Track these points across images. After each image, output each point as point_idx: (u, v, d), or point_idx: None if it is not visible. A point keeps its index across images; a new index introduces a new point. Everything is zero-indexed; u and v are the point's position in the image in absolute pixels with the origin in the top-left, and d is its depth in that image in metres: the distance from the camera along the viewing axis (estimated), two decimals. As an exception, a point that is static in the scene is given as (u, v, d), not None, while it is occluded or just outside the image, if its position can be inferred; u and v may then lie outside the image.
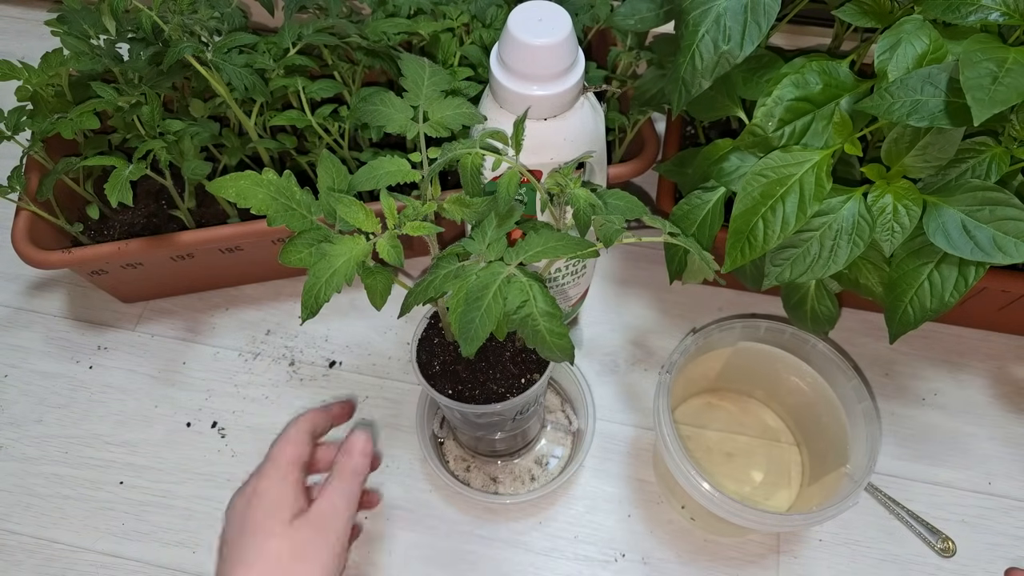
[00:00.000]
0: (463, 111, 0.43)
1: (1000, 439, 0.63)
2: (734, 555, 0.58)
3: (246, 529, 0.43)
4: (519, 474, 0.61)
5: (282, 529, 0.43)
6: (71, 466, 0.62)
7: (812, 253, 0.47)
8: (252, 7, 0.70)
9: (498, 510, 0.60)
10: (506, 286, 0.38)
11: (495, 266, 0.39)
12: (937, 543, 0.58)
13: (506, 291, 0.38)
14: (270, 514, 0.43)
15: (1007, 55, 0.40)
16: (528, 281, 0.39)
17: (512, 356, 0.50)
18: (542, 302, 0.38)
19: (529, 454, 0.62)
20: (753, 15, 0.43)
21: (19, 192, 0.59)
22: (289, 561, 0.42)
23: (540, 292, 0.38)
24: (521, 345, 0.50)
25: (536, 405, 0.55)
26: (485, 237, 0.41)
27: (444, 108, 0.43)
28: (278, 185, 0.41)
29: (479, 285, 0.39)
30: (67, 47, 0.57)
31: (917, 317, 0.49)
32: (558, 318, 0.39)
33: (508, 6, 0.60)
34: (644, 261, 0.72)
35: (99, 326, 0.69)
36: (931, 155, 0.46)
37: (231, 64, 0.56)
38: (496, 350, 0.50)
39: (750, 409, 0.64)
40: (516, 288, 0.38)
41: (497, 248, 0.40)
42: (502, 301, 0.38)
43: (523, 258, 0.39)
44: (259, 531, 0.43)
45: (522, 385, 0.48)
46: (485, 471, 0.61)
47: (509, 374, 0.49)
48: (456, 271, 0.40)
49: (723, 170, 0.51)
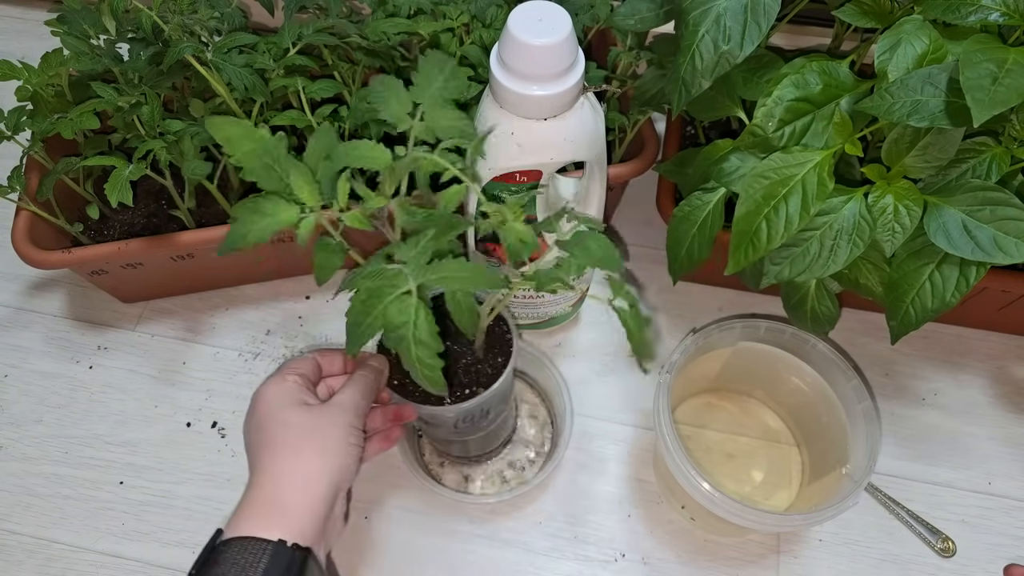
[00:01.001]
0: (457, 125, 0.42)
1: (1000, 439, 0.63)
2: (734, 555, 0.58)
3: (261, 424, 0.46)
4: (490, 475, 0.61)
5: (293, 413, 0.46)
6: (71, 466, 0.62)
7: (812, 253, 0.47)
8: (252, 7, 0.70)
9: (497, 509, 0.60)
10: (396, 303, 0.38)
11: (400, 279, 0.38)
12: (937, 543, 0.58)
13: (395, 307, 0.38)
14: (280, 406, 0.47)
15: (1007, 55, 0.40)
16: (418, 305, 0.38)
17: (466, 366, 0.49)
18: (423, 330, 0.37)
19: (502, 457, 0.62)
20: (753, 15, 0.43)
21: (19, 192, 0.59)
22: (303, 436, 0.45)
23: (425, 320, 0.37)
24: (479, 357, 0.50)
25: (497, 417, 0.54)
26: (415, 247, 0.40)
27: (443, 117, 0.42)
28: (268, 143, 0.40)
29: (375, 294, 0.38)
30: (67, 47, 0.57)
31: (919, 317, 0.49)
32: (433, 350, 0.37)
33: (508, 6, 0.60)
34: (644, 261, 0.72)
35: (99, 326, 0.69)
36: (931, 155, 0.46)
37: (231, 64, 0.56)
38: (455, 356, 0.50)
39: (750, 409, 0.64)
40: (402, 308, 0.38)
41: (419, 261, 0.39)
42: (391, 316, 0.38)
43: (424, 280, 0.38)
44: (272, 420, 0.46)
45: (465, 396, 0.48)
46: (459, 469, 0.61)
47: (458, 382, 0.49)
48: (372, 272, 0.39)
49: (723, 170, 0.51)
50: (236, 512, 0.44)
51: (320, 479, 0.44)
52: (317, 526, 0.44)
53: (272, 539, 0.42)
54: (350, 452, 0.46)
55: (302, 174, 0.39)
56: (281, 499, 0.44)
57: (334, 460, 0.45)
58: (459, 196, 0.40)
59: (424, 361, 0.38)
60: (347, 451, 0.46)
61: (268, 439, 0.46)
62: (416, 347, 0.38)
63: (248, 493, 0.45)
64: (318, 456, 0.45)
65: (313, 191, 0.39)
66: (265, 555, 0.41)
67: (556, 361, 0.67)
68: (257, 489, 0.44)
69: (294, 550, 0.42)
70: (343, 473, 0.45)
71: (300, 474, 0.44)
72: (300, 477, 0.44)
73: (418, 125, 0.42)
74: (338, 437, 0.46)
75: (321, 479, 0.44)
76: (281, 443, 0.45)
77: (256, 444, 0.46)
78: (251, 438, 0.47)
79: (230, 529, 0.43)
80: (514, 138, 0.46)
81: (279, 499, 0.44)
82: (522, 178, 0.49)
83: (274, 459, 0.45)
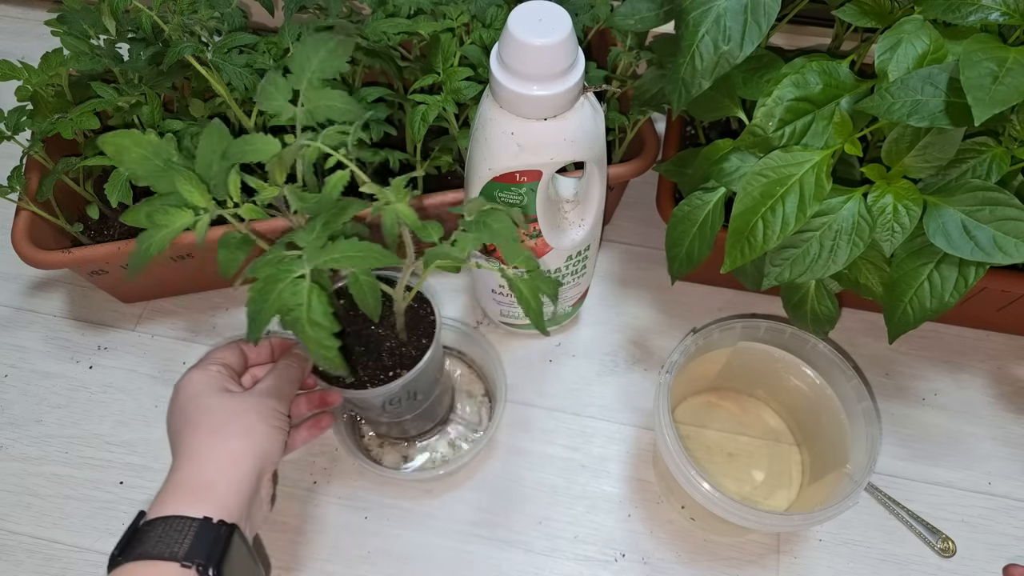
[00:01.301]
0: (332, 104, 0.41)
1: (1000, 439, 0.63)
2: (734, 555, 0.58)
3: (183, 409, 0.47)
4: (429, 453, 0.62)
5: (214, 399, 0.46)
6: (71, 466, 0.62)
7: (812, 253, 0.47)
8: (252, 7, 0.70)
9: (498, 509, 0.60)
10: (291, 286, 0.38)
11: (295, 264, 0.39)
12: (937, 543, 0.58)
13: (288, 291, 0.38)
14: (202, 392, 0.47)
15: (1007, 55, 0.40)
16: (310, 287, 0.38)
17: (391, 349, 0.50)
18: (316, 311, 0.38)
19: (440, 436, 0.62)
20: (753, 15, 0.43)
21: (19, 192, 0.59)
22: (225, 419, 0.46)
23: (318, 301, 0.38)
24: (403, 339, 0.50)
25: (428, 398, 0.55)
26: (312, 232, 0.40)
27: (319, 98, 0.42)
28: (156, 146, 0.40)
29: (272, 279, 0.38)
30: (67, 47, 0.57)
31: (917, 317, 0.49)
32: (327, 331, 0.38)
33: (508, 6, 0.60)
34: (644, 261, 0.72)
35: (99, 326, 0.69)
36: (931, 155, 0.46)
37: (231, 64, 0.56)
38: (376, 339, 0.50)
39: (750, 409, 0.64)
40: (296, 291, 0.38)
41: (315, 245, 0.40)
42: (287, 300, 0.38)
43: (318, 263, 0.39)
44: (194, 404, 0.47)
45: (389, 378, 0.48)
46: (398, 450, 0.62)
47: (381, 365, 0.49)
48: (270, 259, 0.40)
49: (723, 170, 0.51)
50: (159, 494, 0.44)
51: (243, 459, 0.45)
52: (242, 505, 0.44)
53: (197, 516, 0.42)
54: (273, 435, 0.46)
55: (187, 178, 0.39)
56: (205, 479, 0.44)
57: (257, 441, 0.46)
58: (343, 181, 0.40)
59: (319, 342, 0.38)
60: (270, 434, 0.46)
61: (191, 423, 0.46)
62: (310, 328, 0.38)
63: (171, 476, 0.45)
64: (240, 438, 0.45)
65: (202, 192, 0.40)
66: (191, 531, 0.41)
67: (556, 361, 0.67)
68: (180, 471, 0.44)
69: (219, 526, 0.42)
70: (267, 454, 0.46)
71: (223, 454, 0.45)
72: (224, 457, 0.44)
73: (300, 112, 0.41)
74: (260, 420, 0.46)
75: (244, 459, 0.45)
76: (205, 426, 0.45)
77: (178, 428, 0.46)
78: (173, 423, 0.47)
79: (153, 510, 0.43)
80: (514, 138, 0.46)
81: (203, 479, 0.44)
82: (522, 178, 0.49)
83: (197, 441, 0.45)
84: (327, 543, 0.58)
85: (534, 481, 0.61)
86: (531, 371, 0.66)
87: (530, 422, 0.64)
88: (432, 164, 0.64)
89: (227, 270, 0.42)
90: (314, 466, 0.61)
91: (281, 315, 0.38)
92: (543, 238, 0.54)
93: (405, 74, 0.62)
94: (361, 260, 0.39)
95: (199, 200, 0.40)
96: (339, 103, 0.42)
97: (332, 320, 0.38)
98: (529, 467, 0.62)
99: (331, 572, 0.57)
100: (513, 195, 0.50)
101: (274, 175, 0.41)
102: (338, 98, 0.42)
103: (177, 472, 0.45)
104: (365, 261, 0.39)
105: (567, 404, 0.65)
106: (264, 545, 0.58)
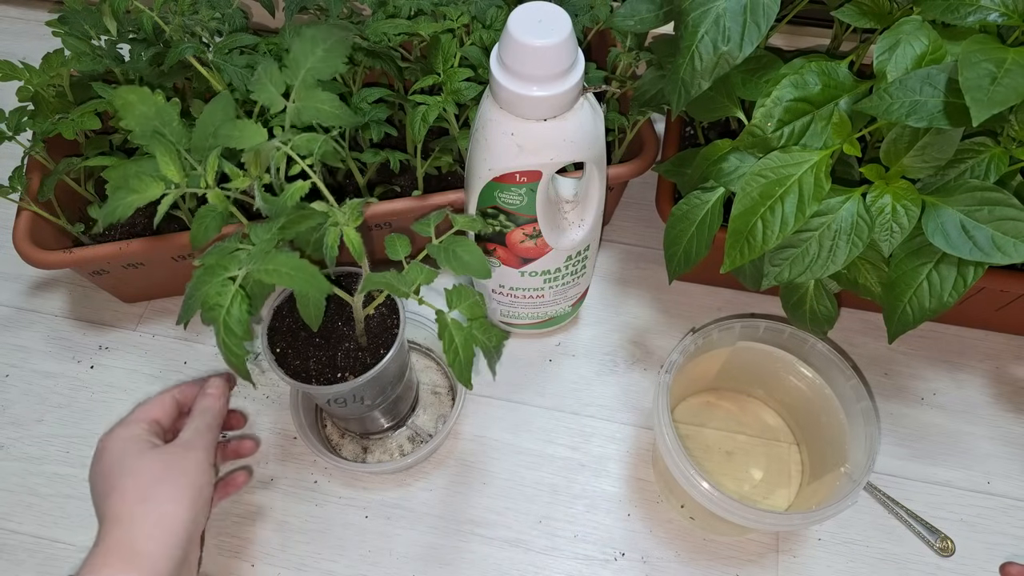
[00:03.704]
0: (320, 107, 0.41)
1: (999, 439, 0.63)
2: (733, 554, 0.58)
3: (108, 473, 0.46)
4: (388, 448, 0.62)
5: (140, 461, 0.46)
6: (72, 465, 0.62)
7: (811, 253, 0.48)
8: (253, 8, 0.70)
9: (497, 508, 0.60)
10: (219, 285, 0.38)
11: (233, 262, 0.39)
12: (936, 542, 0.58)
13: (215, 289, 0.38)
14: (127, 453, 0.47)
15: (1006, 56, 0.40)
16: (236, 292, 0.38)
17: (347, 350, 0.50)
18: (233, 318, 0.38)
19: (401, 432, 0.63)
20: (752, 16, 0.43)
21: (20, 192, 0.59)
22: (153, 484, 0.45)
23: (238, 308, 0.38)
24: (361, 343, 0.50)
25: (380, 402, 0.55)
26: (267, 232, 0.40)
27: (309, 98, 0.41)
28: (160, 108, 0.40)
29: (210, 271, 0.39)
30: (68, 48, 0.57)
31: (916, 317, 0.49)
32: (240, 339, 0.38)
33: (508, 7, 0.60)
34: (644, 261, 0.72)
35: (100, 326, 0.69)
36: (930, 155, 0.46)
37: (232, 65, 0.56)
38: (337, 336, 0.50)
39: (749, 408, 0.64)
40: (222, 291, 0.38)
41: (264, 247, 0.39)
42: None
43: (252, 269, 0.39)
44: (120, 468, 0.46)
45: (336, 379, 0.49)
46: (359, 443, 0.62)
47: (333, 365, 0.49)
48: (221, 248, 0.40)
49: (722, 170, 0.51)
50: (88, 561, 0.43)
51: (174, 526, 0.44)
52: (172, 572, 0.44)
53: None
54: (202, 494, 0.47)
55: (167, 150, 0.39)
56: (136, 548, 0.43)
57: (187, 506, 0.45)
58: (302, 191, 0.40)
59: (229, 348, 0.39)
60: (199, 493, 0.46)
61: (117, 488, 0.45)
62: (224, 333, 0.38)
63: (100, 543, 0.44)
64: (171, 504, 0.45)
65: (178, 167, 0.40)
66: None
67: (556, 361, 0.67)
68: (110, 537, 0.44)
69: None
70: (196, 517, 0.46)
71: (154, 522, 0.44)
72: (154, 525, 0.44)
73: (290, 107, 0.41)
74: (190, 482, 0.46)
75: (175, 526, 0.44)
76: (132, 492, 0.45)
77: (104, 493, 0.46)
78: (99, 486, 0.47)
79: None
80: (514, 139, 0.46)
81: (134, 548, 0.43)
82: (522, 178, 0.49)
83: (126, 508, 0.45)
84: (329, 543, 0.58)
85: (534, 480, 0.61)
86: (531, 371, 0.66)
87: (530, 422, 0.64)
88: (432, 164, 0.64)
89: (198, 241, 0.42)
90: (315, 465, 0.62)
91: (203, 310, 0.38)
92: (543, 238, 0.54)
93: (406, 75, 0.62)
94: (290, 280, 0.38)
95: (173, 175, 0.40)
96: (327, 107, 0.41)
97: (246, 330, 0.38)
98: (529, 466, 0.62)
99: (332, 571, 0.57)
100: (513, 195, 0.51)
101: (251, 167, 0.41)
102: (327, 101, 0.41)
103: (107, 539, 0.44)
104: (293, 282, 0.38)
105: (567, 404, 0.65)
106: (264, 545, 0.58)
